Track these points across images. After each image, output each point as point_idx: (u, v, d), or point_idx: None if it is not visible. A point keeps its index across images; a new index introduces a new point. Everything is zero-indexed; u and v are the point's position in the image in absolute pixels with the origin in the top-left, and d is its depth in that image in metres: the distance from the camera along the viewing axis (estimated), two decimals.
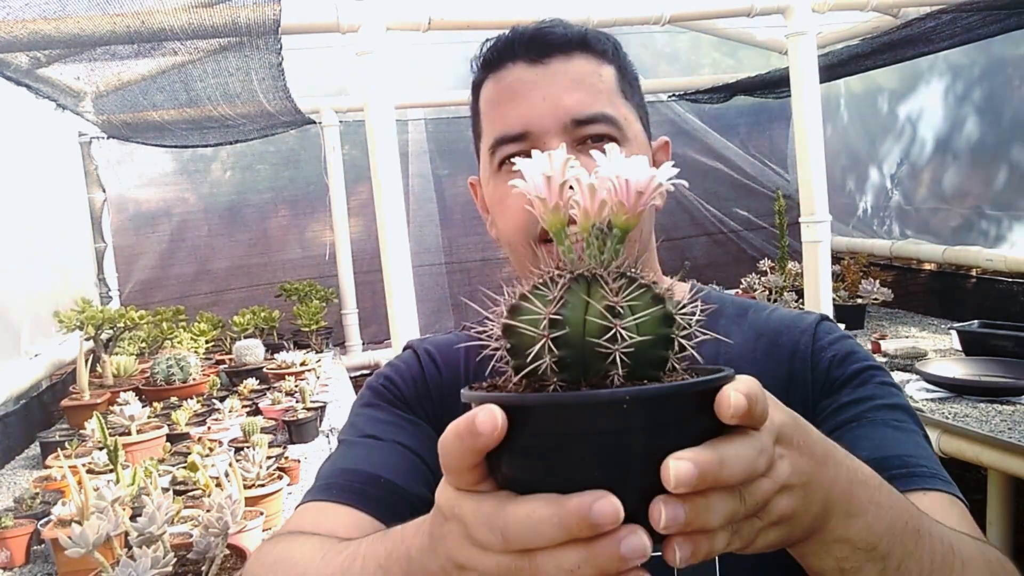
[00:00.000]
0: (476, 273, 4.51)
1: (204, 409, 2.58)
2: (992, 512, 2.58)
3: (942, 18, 2.61)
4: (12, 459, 2.50)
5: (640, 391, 0.41)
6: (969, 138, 3.56)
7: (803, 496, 0.47)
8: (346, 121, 4.12)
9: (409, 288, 2.32)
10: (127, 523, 1.33)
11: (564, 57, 0.79)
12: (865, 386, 0.78)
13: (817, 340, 0.83)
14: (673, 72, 4.63)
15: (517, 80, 0.79)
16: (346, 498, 0.76)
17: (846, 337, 0.85)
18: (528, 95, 0.78)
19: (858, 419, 0.75)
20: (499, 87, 0.81)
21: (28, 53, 2.22)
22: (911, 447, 0.73)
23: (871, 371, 0.80)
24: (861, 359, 0.81)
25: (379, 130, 2.26)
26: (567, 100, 0.78)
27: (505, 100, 0.80)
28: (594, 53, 0.81)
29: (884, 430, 0.74)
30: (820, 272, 2.65)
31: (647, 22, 2.69)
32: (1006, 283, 3.40)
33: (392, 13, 2.34)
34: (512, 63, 0.80)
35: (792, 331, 0.84)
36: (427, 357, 0.91)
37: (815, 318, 0.86)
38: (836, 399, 0.78)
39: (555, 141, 0.76)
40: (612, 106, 0.80)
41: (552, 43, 0.79)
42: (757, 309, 0.89)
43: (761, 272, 3.86)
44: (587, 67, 0.80)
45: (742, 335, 0.85)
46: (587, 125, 0.78)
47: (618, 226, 0.48)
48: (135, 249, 4.04)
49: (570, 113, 0.77)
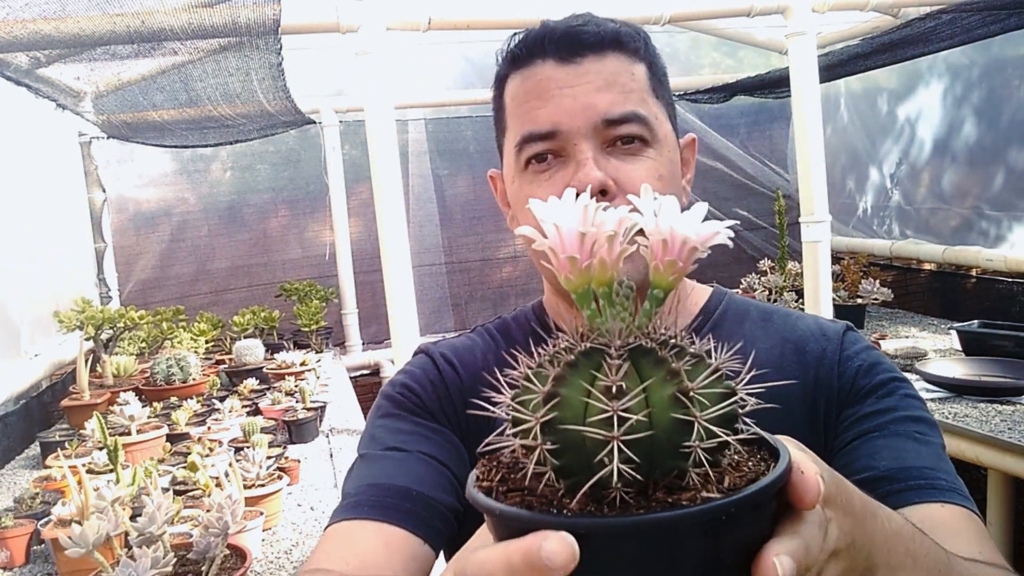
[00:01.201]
0: (476, 273, 4.51)
1: (204, 409, 2.58)
2: (992, 512, 2.58)
3: (942, 18, 2.61)
4: (12, 459, 2.50)
5: (740, 499, 0.37)
6: (969, 138, 3.56)
7: (850, 557, 0.45)
8: (346, 121, 4.12)
9: (409, 288, 2.32)
10: (127, 523, 1.33)
11: (596, 56, 0.77)
12: (889, 397, 0.78)
13: (844, 349, 0.83)
14: (673, 72, 4.60)
15: (547, 78, 0.77)
16: (377, 514, 0.74)
17: (872, 348, 0.85)
18: (559, 94, 0.76)
19: (880, 429, 0.76)
20: (527, 84, 0.79)
21: (28, 53, 2.22)
22: (931, 459, 0.73)
23: (896, 382, 0.80)
24: (886, 370, 0.81)
25: (379, 130, 2.25)
26: (598, 100, 0.76)
27: (533, 98, 0.78)
28: (626, 51, 0.79)
29: (905, 442, 0.74)
30: (820, 272, 2.65)
31: (647, 22, 2.69)
32: (1006, 283, 3.40)
33: (392, 13, 2.34)
34: (542, 60, 0.78)
35: (819, 339, 0.84)
36: (444, 361, 0.89)
37: (842, 327, 0.86)
38: (859, 408, 0.78)
39: (584, 142, 0.75)
40: (643, 105, 0.78)
41: (584, 42, 0.77)
42: (782, 315, 0.89)
43: (761, 272, 3.86)
44: (619, 66, 0.78)
45: (768, 340, 0.84)
46: (618, 125, 0.76)
47: (661, 286, 0.42)
48: (135, 249, 4.04)
49: (601, 113, 0.76)
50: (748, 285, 3.81)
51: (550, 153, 0.77)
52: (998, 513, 2.57)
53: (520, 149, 0.79)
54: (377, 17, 2.25)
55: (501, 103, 0.84)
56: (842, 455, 0.77)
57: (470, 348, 0.91)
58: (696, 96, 4.39)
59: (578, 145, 0.76)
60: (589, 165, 0.74)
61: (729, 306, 0.89)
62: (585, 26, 0.78)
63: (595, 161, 0.75)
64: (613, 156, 0.76)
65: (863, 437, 0.75)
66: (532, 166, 0.79)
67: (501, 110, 0.85)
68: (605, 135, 0.76)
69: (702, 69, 4.68)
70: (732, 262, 4.78)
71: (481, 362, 0.87)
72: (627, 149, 0.76)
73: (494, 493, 0.41)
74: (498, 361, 0.83)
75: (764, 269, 3.87)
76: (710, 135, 4.75)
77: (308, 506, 1.91)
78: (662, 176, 0.77)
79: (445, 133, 4.39)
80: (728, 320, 0.87)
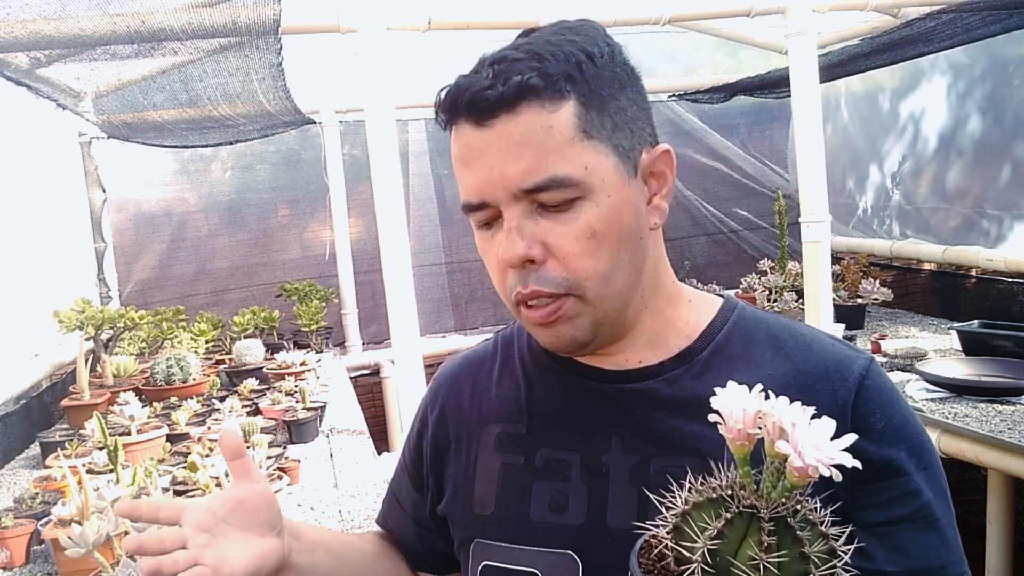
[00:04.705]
0: (476, 273, 4.51)
1: (204, 409, 2.58)
2: (992, 512, 2.59)
3: (942, 18, 2.61)
4: (12, 459, 2.50)
5: None
6: (969, 138, 3.56)
7: None
8: (346, 121, 4.12)
9: (409, 288, 2.32)
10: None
11: (508, 115, 0.71)
12: (911, 481, 0.74)
13: (859, 406, 0.75)
14: (673, 72, 4.63)
15: (466, 145, 0.75)
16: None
17: (895, 399, 0.77)
18: (477, 163, 0.74)
19: (913, 519, 0.72)
20: (456, 147, 0.77)
21: (28, 53, 2.22)
22: (946, 553, 0.73)
23: (919, 455, 0.75)
24: (909, 437, 0.75)
25: (379, 130, 2.25)
26: (511, 170, 0.71)
27: (460, 165, 0.76)
28: (542, 99, 0.71)
29: (929, 536, 0.73)
30: (820, 272, 2.65)
31: (647, 22, 2.69)
32: (1006, 283, 3.40)
33: (392, 13, 2.34)
34: (464, 120, 0.75)
35: (831, 379, 0.76)
36: (430, 406, 0.96)
37: (862, 366, 0.77)
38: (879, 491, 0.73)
39: (509, 210, 0.73)
40: (564, 161, 0.71)
41: (493, 101, 0.71)
42: (795, 338, 0.81)
43: (761, 272, 3.86)
44: (533, 121, 0.71)
45: (776, 367, 0.78)
46: (537, 193, 0.72)
47: (791, 482, 0.53)
48: (135, 249, 4.04)
49: (516, 184, 0.71)
50: (748, 285, 3.81)
51: (489, 219, 0.76)
52: (998, 513, 2.57)
53: (465, 214, 0.78)
54: (377, 17, 2.25)
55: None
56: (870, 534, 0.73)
57: (465, 375, 0.95)
58: (696, 96, 4.39)
59: (505, 212, 0.74)
60: (512, 238, 0.72)
61: (736, 326, 0.82)
62: (491, 87, 0.71)
63: (519, 231, 0.72)
64: (543, 217, 0.73)
65: (891, 526, 0.72)
66: (480, 229, 0.78)
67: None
68: (530, 199, 0.73)
69: (702, 69, 4.68)
70: (732, 262, 4.79)
71: (469, 400, 0.92)
72: (557, 208, 0.72)
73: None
74: (483, 390, 0.90)
75: (764, 269, 3.87)
76: (710, 135, 4.75)
77: (308, 506, 1.91)
78: (596, 232, 0.72)
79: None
80: (733, 343, 0.81)
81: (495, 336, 0.97)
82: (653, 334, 0.81)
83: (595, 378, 0.82)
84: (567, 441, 0.82)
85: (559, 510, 0.79)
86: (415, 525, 0.97)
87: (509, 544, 0.81)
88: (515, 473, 0.83)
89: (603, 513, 0.77)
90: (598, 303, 0.74)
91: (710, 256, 4.85)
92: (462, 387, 0.93)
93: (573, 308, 0.74)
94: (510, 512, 0.82)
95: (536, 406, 0.85)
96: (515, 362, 0.90)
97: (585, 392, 0.83)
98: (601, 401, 0.81)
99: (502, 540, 0.82)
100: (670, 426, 0.77)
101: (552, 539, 0.79)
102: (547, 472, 0.81)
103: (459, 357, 0.99)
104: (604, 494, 0.78)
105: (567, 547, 0.78)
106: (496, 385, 0.90)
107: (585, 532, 0.78)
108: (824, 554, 0.53)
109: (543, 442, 0.83)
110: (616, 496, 0.77)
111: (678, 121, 4.71)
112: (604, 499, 0.78)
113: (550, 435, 0.83)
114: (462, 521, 0.87)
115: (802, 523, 0.53)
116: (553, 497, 0.80)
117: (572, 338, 0.76)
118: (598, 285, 0.73)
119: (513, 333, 0.95)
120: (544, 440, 0.83)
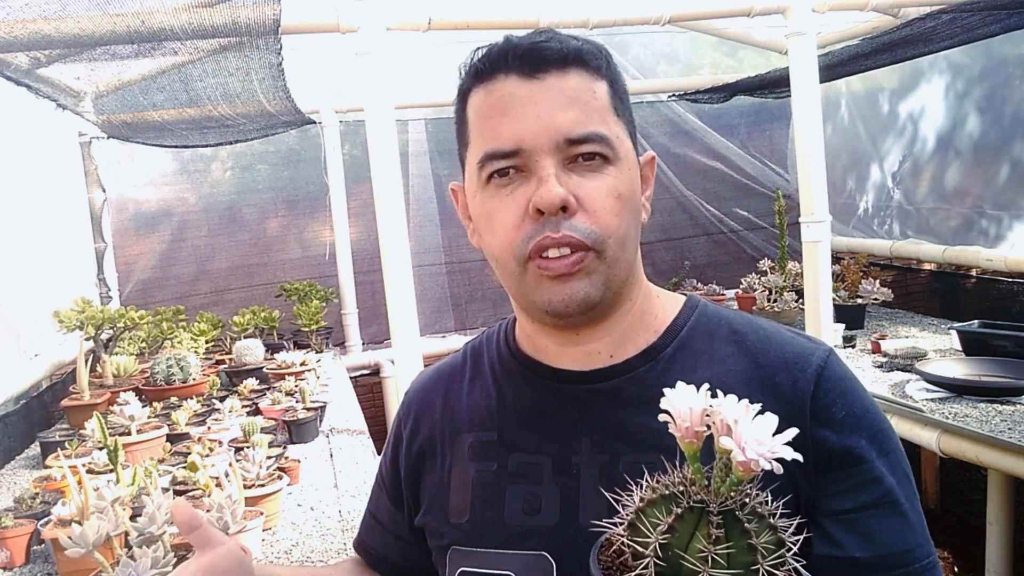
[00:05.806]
0: (476, 273, 4.51)
1: (204, 409, 2.58)
2: (992, 512, 2.59)
3: (942, 18, 2.61)
4: (12, 459, 2.50)
5: None
6: (969, 137, 3.56)
7: None
8: (346, 121, 4.12)
9: (409, 288, 2.32)
10: (127, 523, 1.33)
11: (559, 72, 0.77)
12: (873, 468, 0.75)
13: (819, 396, 0.77)
14: (673, 72, 4.63)
15: (510, 94, 0.77)
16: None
17: (854, 388, 0.79)
18: (522, 111, 0.76)
19: (877, 505, 0.74)
20: (490, 99, 0.78)
21: (28, 53, 2.22)
22: (911, 537, 0.74)
23: (880, 442, 0.76)
24: (869, 425, 0.76)
25: (379, 130, 2.26)
26: (561, 118, 0.75)
27: (497, 114, 0.78)
28: (588, 69, 0.78)
29: (894, 520, 0.74)
30: (820, 272, 2.65)
31: (647, 22, 2.69)
32: (1006, 283, 3.41)
33: (392, 13, 2.34)
34: (505, 75, 0.77)
35: (791, 371, 0.78)
36: (404, 420, 0.97)
37: (821, 357, 0.79)
38: (838, 477, 0.75)
39: (547, 159, 0.75)
40: (605, 124, 0.77)
41: (548, 58, 0.76)
42: (755, 332, 0.84)
43: (761, 272, 3.86)
44: (582, 83, 0.77)
45: (738, 362, 0.81)
46: (580, 144, 0.75)
47: (737, 476, 0.56)
48: (135, 249, 4.04)
49: (564, 132, 0.75)
50: (748, 285, 3.81)
51: (512, 168, 0.77)
52: (998, 513, 2.58)
53: (483, 165, 0.79)
54: (377, 17, 2.25)
55: (464, 116, 0.84)
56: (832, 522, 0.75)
57: (436, 387, 0.96)
58: (696, 96, 4.39)
59: (540, 162, 0.75)
60: (551, 182, 0.74)
61: (699, 322, 0.85)
62: (548, 42, 0.77)
63: (557, 178, 0.75)
64: (575, 172, 0.76)
65: (854, 513, 0.74)
66: (495, 180, 0.79)
67: (464, 124, 0.84)
68: (567, 152, 0.76)
69: (702, 69, 4.68)
70: (732, 262, 4.79)
71: (440, 411, 0.93)
72: (588, 166, 0.76)
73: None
74: (455, 400, 0.91)
75: (764, 269, 3.87)
76: (710, 135, 4.75)
77: (308, 506, 1.91)
78: (621, 195, 0.77)
79: (445, 133, 4.39)
80: (696, 339, 0.84)
81: (464, 347, 0.98)
82: (630, 326, 0.84)
83: (563, 380, 0.84)
84: (538, 444, 0.83)
85: (532, 512, 0.81)
86: (396, 539, 0.98)
87: (484, 549, 0.82)
88: (489, 480, 0.84)
89: (575, 513, 0.79)
90: (613, 264, 0.77)
91: (710, 256, 4.85)
92: (434, 399, 0.94)
93: (592, 263, 0.76)
94: (485, 518, 0.83)
95: (507, 412, 0.87)
96: (485, 371, 0.92)
97: (554, 395, 0.84)
98: (570, 403, 0.83)
99: (477, 546, 0.83)
100: (637, 423, 0.79)
101: (526, 541, 0.80)
102: (520, 476, 0.83)
103: (430, 370, 1.00)
104: (575, 494, 0.79)
105: (541, 548, 0.79)
106: (467, 395, 0.91)
107: (558, 532, 0.79)
108: (772, 544, 0.55)
109: (515, 447, 0.84)
110: (587, 495, 0.79)
111: (678, 121, 4.71)
112: (576, 499, 0.79)
113: (522, 439, 0.84)
114: (439, 531, 0.87)
115: (750, 515, 0.55)
116: (526, 500, 0.82)
117: (585, 295, 0.77)
118: (617, 245, 0.77)
119: (482, 343, 0.96)
120: (516, 445, 0.84)
